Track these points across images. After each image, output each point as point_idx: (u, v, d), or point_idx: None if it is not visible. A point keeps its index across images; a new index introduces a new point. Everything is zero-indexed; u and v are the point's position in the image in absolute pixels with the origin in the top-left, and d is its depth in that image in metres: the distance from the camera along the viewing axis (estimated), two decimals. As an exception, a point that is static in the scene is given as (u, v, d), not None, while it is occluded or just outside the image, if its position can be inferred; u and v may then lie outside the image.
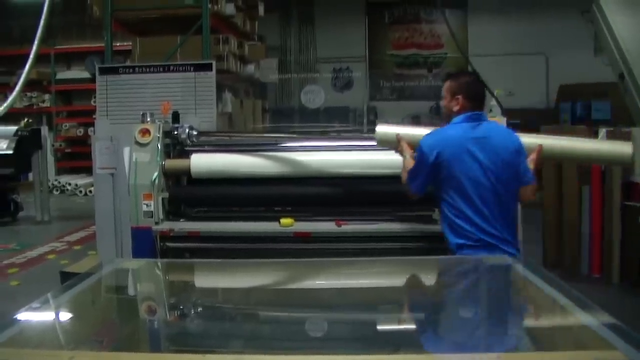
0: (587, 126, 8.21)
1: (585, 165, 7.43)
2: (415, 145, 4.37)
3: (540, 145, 4.47)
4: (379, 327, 2.89)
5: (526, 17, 16.14)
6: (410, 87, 17.71)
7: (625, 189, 7.10)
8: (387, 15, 17.73)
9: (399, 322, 2.98)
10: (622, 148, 4.63)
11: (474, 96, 4.34)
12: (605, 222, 7.25)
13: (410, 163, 4.42)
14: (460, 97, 4.34)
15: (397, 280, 3.79)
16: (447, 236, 4.29)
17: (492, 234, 4.16)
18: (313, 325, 2.86)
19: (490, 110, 5.20)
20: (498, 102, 5.44)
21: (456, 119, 4.31)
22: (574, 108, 14.58)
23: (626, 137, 7.02)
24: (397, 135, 4.65)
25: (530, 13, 16.02)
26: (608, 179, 7.19)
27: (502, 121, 4.90)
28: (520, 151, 4.25)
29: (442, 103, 4.49)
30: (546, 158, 4.63)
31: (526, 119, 11.54)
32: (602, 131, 7.38)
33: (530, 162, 4.35)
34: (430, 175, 4.25)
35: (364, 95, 17.60)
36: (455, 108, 4.34)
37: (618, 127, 7.45)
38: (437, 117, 16.28)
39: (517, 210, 4.40)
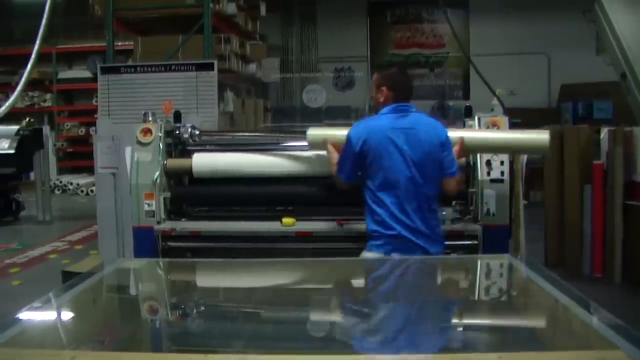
0: (589, 125, 8.18)
1: (587, 164, 7.43)
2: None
3: (462, 137, 4.57)
4: (381, 327, 2.88)
5: (528, 16, 16.11)
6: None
7: (627, 188, 7.08)
8: (389, 15, 17.71)
9: (400, 322, 2.96)
10: (540, 136, 4.74)
11: (398, 87, 4.41)
12: (607, 221, 7.24)
13: (336, 158, 4.52)
14: (384, 88, 4.42)
15: (398, 279, 3.78)
16: (366, 221, 4.36)
17: (407, 225, 4.19)
18: (314, 325, 2.86)
19: (492, 110, 5.19)
20: (500, 101, 5.44)
21: (383, 110, 4.39)
22: (575, 108, 14.55)
23: (628, 137, 7.04)
24: (327, 138, 4.76)
25: (532, 13, 15.99)
26: (610, 178, 7.18)
27: (503, 120, 4.88)
28: (446, 144, 4.28)
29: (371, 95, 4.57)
30: (470, 149, 4.71)
31: (528, 119, 11.56)
32: (604, 130, 7.39)
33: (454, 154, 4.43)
34: (357, 164, 4.33)
35: (365, 95, 17.56)
36: (381, 99, 4.42)
37: (620, 126, 7.44)
38: (439, 116, 16.30)
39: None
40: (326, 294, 3.52)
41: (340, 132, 4.68)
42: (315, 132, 4.91)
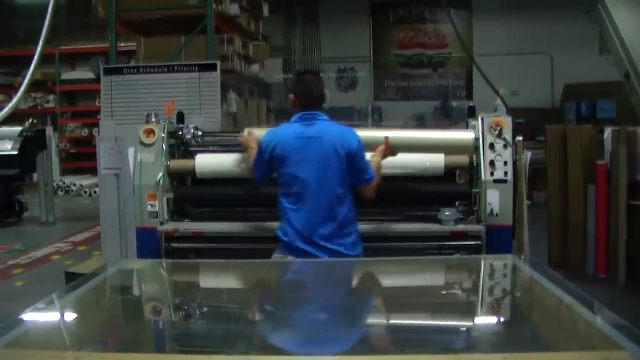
0: (592, 125, 8.17)
1: (591, 164, 7.42)
2: None
3: (387, 137, 4.61)
4: (383, 328, 2.88)
5: (531, 16, 16.09)
6: (415, 87, 17.69)
7: (631, 188, 7.07)
8: (391, 15, 17.70)
9: (405, 322, 2.96)
10: (465, 135, 4.85)
11: (303, 95, 4.40)
12: (611, 221, 7.22)
13: (254, 156, 4.58)
14: (292, 95, 4.46)
15: (400, 280, 3.79)
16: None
17: (301, 234, 4.23)
18: (317, 326, 2.85)
19: (495, 110, 5.19)
20: (503, 101, 5.44)
21: (293, 118, 4.42)
22: (578, 107, 14.54)
23: (632, 136, 7.03)
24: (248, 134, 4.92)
25: (535, 13, 15.96)
26: (614, 178, 7.16)
27: (507, 121, 4.88)
28: (356, 152, 4.25)
29: None
30: (396, 148, 4.72)
31: (531, 119, 11.58)
32: (607, 130, 7.38)
33: (378, 154, 4.51)
34: (268, 169, 4.42)
35: (368, 95, 17.58)
36: (292, 106, 4.46)
37: (623, 126, 7.43)
38: (442, 116, 16.30)
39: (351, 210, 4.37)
40: (329, 295, 3.52)
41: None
42: (248, 131, 5.06)
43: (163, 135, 5.09)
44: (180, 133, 5.27)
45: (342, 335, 2.73)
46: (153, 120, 5.23)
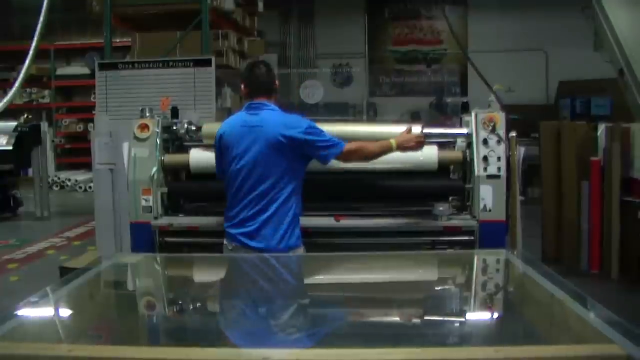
0: (587, 122, 8.19)
1: (585, 161, 7.44)
2: None
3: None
4: (377, 321, 2.89)
5: (526, 13, 16.11)
6: (410, 83, 17.70)
7: (625, 184, 7.09)
8: (386, 11, 17.70)
9: (397, 316, 2.98)
10: (413, 129, 4.76)
11: (250, 84, 4.41)
12: (605, 217, 7.24)
13: None
14: (242, 85, 4.48)
15: (395, 275, 3.80)
16: None
17: (235, 223, 4.25)
18: (311, 319, 2.86)
19: (489, 106, 5.19)
20: (497, 97, 5.43)
21: (243, 107, 4.45)
22: (573, 104, 14.55)
23: (625, 133, 7.05)
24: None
25: (530, 9, 15.98)
26: (607, 174, 7.18)
27: (500, 116, 4.89)
28: (304, 137, 4.19)
29: None
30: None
31: (526, 115, 11.58)
32: (601, 127, 7.40)
33: (400, 141, 4.42)
34: (221, 160, 4.42)
35: (363, 91, 17.59)
36: (242, 95, 4.51)
37: (617, 123, 7.44)
38: (437, 113, 16.32)
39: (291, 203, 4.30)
40: (323, 289, 3.53)
41: None
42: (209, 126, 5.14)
43: (157, 130, 5.07)
44: (174, 128, 5.26)
45: (334, 329, 2.75)
46: (147, 115, 5.22)
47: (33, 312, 2.64)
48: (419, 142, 4.53)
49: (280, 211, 4.20)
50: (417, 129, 4.72)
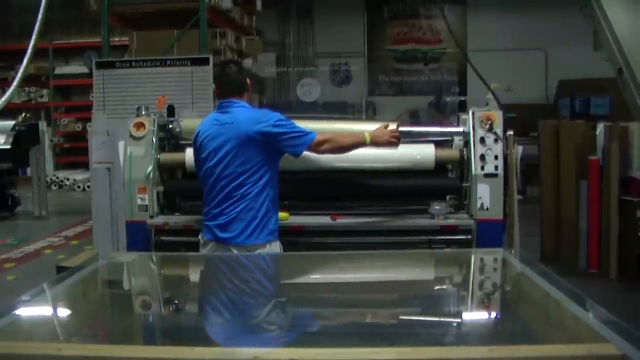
0: (586, 121, 8.17)
1: (583, 160, 7.42)
2: None
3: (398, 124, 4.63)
4: (373, 321, 2.87)
5: (525, 12, 16.11)
6: (409, 82, 17.68)
7: (623, 183, 7.07)
8: (386, 10, 17.69)
9: (391, 315, 2.96)
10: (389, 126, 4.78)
11: (221, 84, 4.51)
12: (603, 217, 7.23)
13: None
14: (215, 85, 4.66)
15: (392, 274, 3.78)
16: None
17: (211, 216, 4.31)
18: (303, 318, 2.85)
19: (487, 104, 5.16)
20: (494, 95, 5.40)
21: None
22: (573, 103, 14.53)
23: (624, 132, 7.04)
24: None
25: (530, 8, 15.98)
26: (606, 173, 7.16)
27: (497, 115, 4.86)
28: (274, 129, 4.20)
29: None
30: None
31: (525, 115, 11.56)
32: (600, 126, 7.39)
33: (377, 133, 4.42)
34: (198, 159, 4.47)
35: (362, 91, 17.57)
36: (215, 95, 4.59)
37: (616, 122, 7.43)
38: (436, 112, 16.31)
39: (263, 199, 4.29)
40: (318, 288, 3.52)
41: None
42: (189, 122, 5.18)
43: (153, 128, 5.05)
44: (170, 126, 5.24)
45: (326, 328, 2.73)
46: (143, 113, 5.20)
47: (24, 310, 2.62)
48: (393, 138, 4.48)
49: (251, 206, 4.22)
50: (392, 126, 4.71)
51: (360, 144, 4.43)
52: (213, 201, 4.30)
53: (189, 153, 5.11)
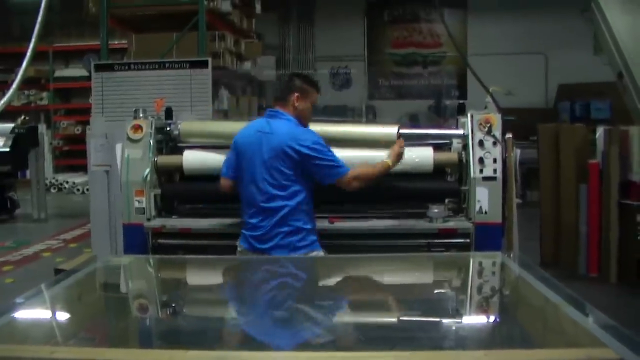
0: (586, 125, 8.15)
1: (583, 164, 7.40)
2: None
3: (401, 136, 4.76)
4: (371, 325, 2.85)
5: (525, 16, 16.09)
6: (409, 86, 17.65)
7: (623, 187, 7.05)
8: (386, 14, 17.67)
9: (391, 319, 2.94)
10: (389, 130, 4.91)
11: (272, 92, 4.53)
12: (603, 221, 7.21)
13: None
14: None
15: (389, 277, 3.76)
16: None
17: (247, 227, 4.33)
18: (300, 322, 2.82)
19: (486, 107, 5.15)
20: (493, 99, 5.39)
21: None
22: (573, 107, 14.54)
23: (624, 136, 7.02)
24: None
25: (530, 12, 15.96)
26: (606, 177, 7.14)
27: (496, 118, 4.85)
28: (309, 152, 4.21)
29: None
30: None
31: (525, 119, 11.55)
32: (600, 130, 7.37)
33: (392, 156, 4.50)
34: (232, 161, 4.47)
35: (362, 94, 17.56)
36: None
37: (616, 126, 7.41)
38: (436, 115, 16.29)
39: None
40: (316, 292, 3.49)
41: (214, 127, 5.30)
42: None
43: (150, 131, 5.04)
44: (168, 129, 5.22)
45: (323, 332, 2.71)
46: (141, 116, 5.19)
47: (19, 313, 2.61)
48: (402, 147, 4.60)
49: (289, 218, 4.24)
50: (393, 129, 4.78)
51: (386, 171, 4.50)
52: (250, 210, 4.32)
53: (187, 156, 5.10)
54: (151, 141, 5.02)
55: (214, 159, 5.09)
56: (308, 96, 4.45)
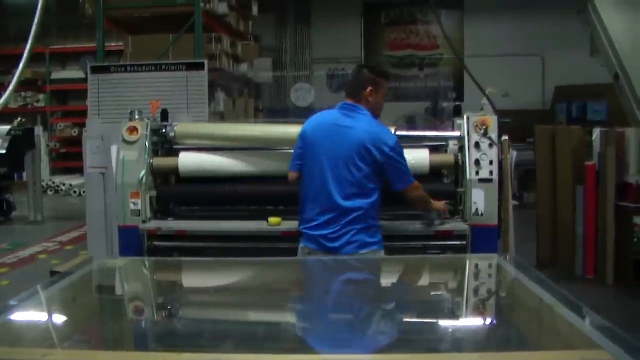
0: (583, 127, 8.15)
1: (579, 165, 7.40)
2: None
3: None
4: (366, 327, 2.84)
5: (522, 17, 16.11)
6: (406, 88, 17.64)
7: (619, 189, 7.05)
8: (383, 16, 17.68)
9: (383, 321, 2.93)
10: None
11: (346, 84, 4.53)
12: (599, 222, 7.20)
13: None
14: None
15: (385, 279, 3.75)
16: None
17: (314, 226, 4.24)
18: (294, 324, 2.82)
19: (482, 109, 5.15)
20: (489, 100, 5.40)
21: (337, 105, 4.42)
22: (569, 109, 14.55)
23: (620, 137, 7.02)
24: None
25: (526, 14, 15.98)
26: (602, 179, 7.14)
27: (492, 119, 4.85)
28: (387, 154, 4.15)
29: None
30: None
31: (522, 120, 11.57)
32: (596, 131, 7.37)
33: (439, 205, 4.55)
34: (301, 153, 4.37)
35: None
36: None
37: (612, 127, 7.41)
38: (433, 117, 16.28)
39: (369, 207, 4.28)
40: (311, 294, 3.49)
41: (209, 129, 5.28)
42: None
43: (146, 132, 5.03)
44: (163, 131, 5.21)
45: (319, 335, 2.70)
46: (136, 117, 5.17)
47: (11, 315, 2.59)
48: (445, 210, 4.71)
49: (362, 215, 4.19)
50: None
51: (427, 204, 4.56)
52: (318, 207, 4.23)
53: (183, 158, 5.09)
54: (147, 143, 5.01)
55: (210, 161, 5.10)
56: (380, 88, 4.38)
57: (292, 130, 5.09)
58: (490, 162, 4.77)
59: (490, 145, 4.79)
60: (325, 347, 2.53)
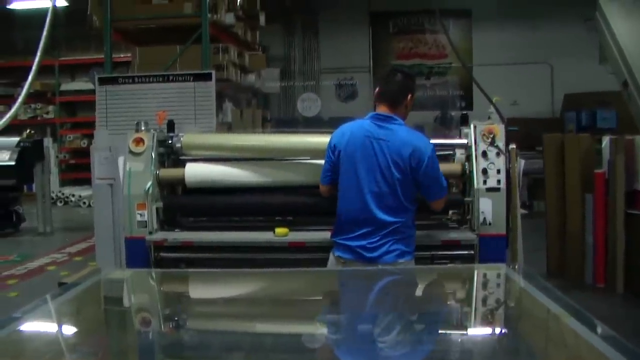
0: (592, 135, 8.12)
1: (589, 173, 7.37)
2: None
3: None
4: (373, 337, 2.82)
5: (530, 26, 16.09)
6: (415, 97, 17.59)
7: (629, 197, 7.01)
8: (391, 26, 17.68)
9: (390, 331, 2.90)
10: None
11: (378, 90, 4.37)
12: (609, 231, 7.16)
13: None
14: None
15: (392, 290, 3.72)
16: None
17: (351, 237, 4.20)
18: (307, 338, 2.80)
19: (489, 117, 5.13)
20: (497, 109, 5.37)
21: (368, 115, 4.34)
22: (579, 117, 14.48)
23: (629, 145, 6.98)
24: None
25: (535, 22, 15.98)
26: (612, 187, 7.10)
27: (499, 128, 4.82)
28: (425, 164, 4.11)
29: None
30: None
31: (531, 129, 11.55)
32: (605, 139, 7.33)
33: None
34: (334, 166, 4.32)
35: (368, 106, 17.52)
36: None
37: (622, 135, 7.37)
38: (442, 126, 16.26)
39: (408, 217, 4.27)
40: (319, 306, 3.46)
41: (216, 140, 5.28)
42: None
43: (152, 143, 5.02)
44: (170, 142, 5.20)
45: (328, 345, 2.68)
46: (143, 128, 5.17)
47: (16, 327, 2.59)
48: None
49: (401, 226, 4.17)
50: None
51: None
52: (356, 219, 4.19)
53: (189, 169, 5.08)
54: (153, 154, 5.00)
55: (216, 172, 5.08)
56: (415, 93, 4.41)
57: (300, 140, 5.09)
58: (498, 171, 4.74)
59: (498, 154, 4.76)
60: (333, 357, 2.52)
